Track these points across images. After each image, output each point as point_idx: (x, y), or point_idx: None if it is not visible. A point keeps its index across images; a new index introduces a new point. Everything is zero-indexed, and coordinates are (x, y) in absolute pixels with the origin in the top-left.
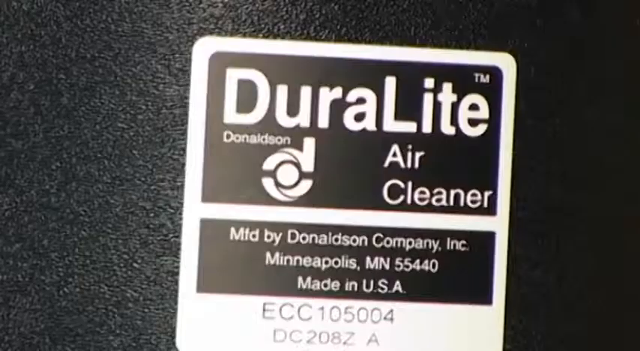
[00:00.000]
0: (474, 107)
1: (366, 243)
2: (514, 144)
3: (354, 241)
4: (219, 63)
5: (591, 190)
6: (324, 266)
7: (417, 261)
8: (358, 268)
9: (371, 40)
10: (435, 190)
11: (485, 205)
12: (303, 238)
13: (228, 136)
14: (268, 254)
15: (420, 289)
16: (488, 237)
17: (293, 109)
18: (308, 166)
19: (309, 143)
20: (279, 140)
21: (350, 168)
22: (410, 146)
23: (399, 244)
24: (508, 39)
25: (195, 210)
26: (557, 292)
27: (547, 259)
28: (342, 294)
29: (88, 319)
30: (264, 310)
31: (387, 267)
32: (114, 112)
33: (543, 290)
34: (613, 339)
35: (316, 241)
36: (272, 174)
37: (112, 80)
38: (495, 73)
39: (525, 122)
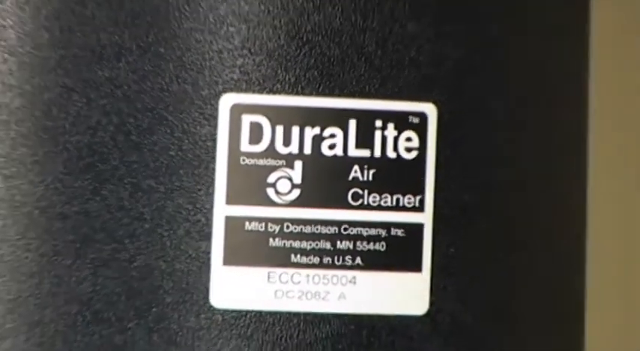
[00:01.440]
0: (408, 139)
1: (336, 231)
2: (436, 164)
3: (329, 230)
4: (237, 111)
5: (490, 195)
6: (308, 247)
7: (372, 243)
8: (332, 248)
9: (339, 94)
10: (383, 195)
11: (417, 205)
12: (295, 228)
13: (243, 160)
14: (271, 239)
15: (374, 262)
16: (419, 227)
17: (287, 141)
18: (297, 179)
19: (298, 164)
20: (277, 162)
21: (325, 181)
22: (366, 166)
23: (359, 232)
24: (432, 93)
25: (221, 210)
26: (466, 263)
27: (459, 241)
28: (320, 266)
29: (150, 283)
30: (268, 277)
31: (351, 247)
32: (167, 145)
33: (456, 262)
34: (507, 296)
35: (303, 231)
36: (273, 185)
37: (166, 123)
38: (423, 116)
39: (444, 149)
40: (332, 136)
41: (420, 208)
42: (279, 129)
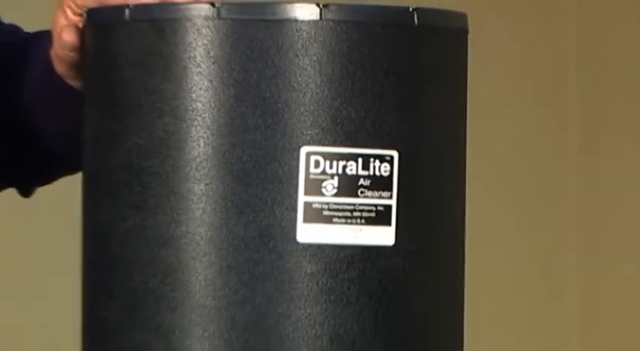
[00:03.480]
0: (385, 166)
1: (353, 208)
2: (398, 178)
3: (349, 207)
4: (308, 154)
5: (420, 193)
6: (340, 214)
7: (369, 213)
8: (351, 215)
9: (354, 146)
10: (374, 192)
11: (390, 196)
12: (334, 206)
13: (311, 176)
14: (324, 211)
15: (370, 221)
16: (390, 206)
17: (330, 168)
18: (335, 184)
19: (336, 178)
20: (326, 177)
21: (348, 185)
22: (366, 179)
23: (363, 208)
24: (396, 146)
25: (302, 198)
26: (412, 224)
27: (409, 214)
28: (346, 223)
29: (268, 231)
30: (323, 228)
31: (360, 215)
32: (277, 170)
33: (407, 223)
34: (436, 240)
35: (338, 207)
36: (325, 187)
37: (276, 159)
38: (392, 156)
39: (402, 170)
40: (351, 165)
41: (390, 198)
42: (327, 162)
